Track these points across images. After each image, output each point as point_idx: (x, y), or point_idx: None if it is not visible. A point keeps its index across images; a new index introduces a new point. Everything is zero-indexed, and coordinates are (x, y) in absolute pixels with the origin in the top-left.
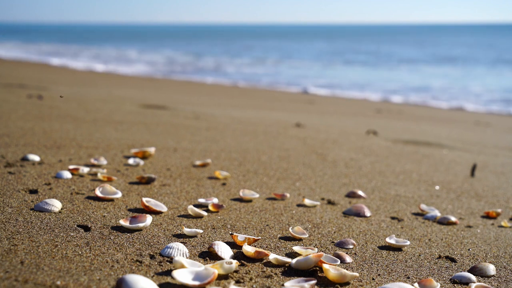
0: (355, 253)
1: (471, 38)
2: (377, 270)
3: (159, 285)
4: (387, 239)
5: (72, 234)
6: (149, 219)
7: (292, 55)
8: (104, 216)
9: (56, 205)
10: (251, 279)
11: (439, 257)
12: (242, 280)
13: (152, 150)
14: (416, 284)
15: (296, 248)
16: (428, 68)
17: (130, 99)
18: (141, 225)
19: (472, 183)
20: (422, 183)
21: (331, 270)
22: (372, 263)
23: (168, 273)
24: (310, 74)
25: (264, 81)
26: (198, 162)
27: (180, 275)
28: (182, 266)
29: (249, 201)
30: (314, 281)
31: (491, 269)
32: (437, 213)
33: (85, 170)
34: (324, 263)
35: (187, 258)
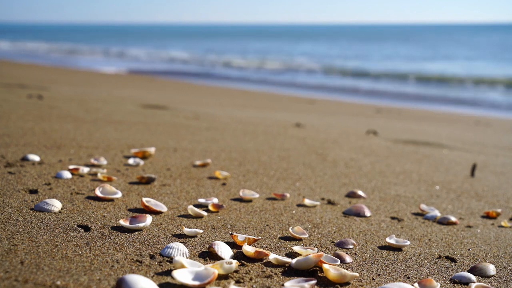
0: (355, 253)
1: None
2: (377, 270)
3: (159, 285)
4: (387, 239)
5: (72, 234)
6: (149, 219)
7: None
8: (104, 216)
9: (56, 205)
10: (251, 279)
11: (439, 257)
12: (242, 280)
13: (152, 150)
14: (416, 284)
15: (296, 248)
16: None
17: (130, 99)
18: (141, 225)
19: (472, 183)
20: (422, 183)
21: (331, 270)
22: (372, 263)
23: (168, 273)
24: None
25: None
26: (198, 162)
27: (180, 275)
28: (182, 266)
29: (249, 201)
30: (314, 281)
31: (491, 269)
32: (437, 213)
33: (85, 170)
34: (324, 263)
35: (187, 258)
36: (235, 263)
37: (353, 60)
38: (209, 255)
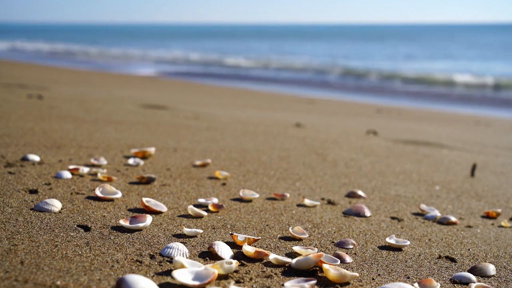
0: (355, 253)
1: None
2: (377, 270)
3: (159, 285)
4: (387, 239)
5: (72, 234)
6: (149, 219)
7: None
8: (104, 216)
9: (56, 205)
10: (251, 279)
11: (439, 257)
12: (242, 280)
13: (152, 150)
14: (416, 284)
15: (296, 248)
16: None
17: (130, 99)
18: (141, 225)
19: (472, 183)
20: (422, 183)
21: (331, 270)
22: (372, 263)
23: (168, 273)
24: None
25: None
26: (198, 162)
27: (180, 275)
28: (182, 266)
29: (249, 201)
30: (314, 281)
31: (491, 269)
32: (437, 213)
33: (85, 170)
34: (324, 263)
35: (187, 258)
36: (235, 263)
37: (355, 60)
38: (209, 255)
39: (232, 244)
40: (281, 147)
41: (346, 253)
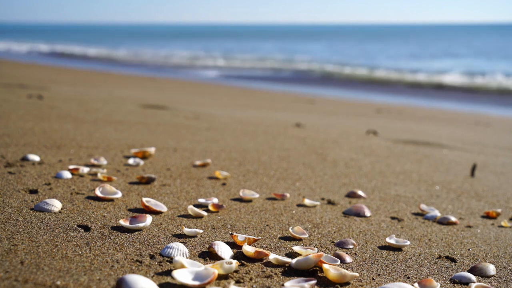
0: (355, 253)
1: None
2: (377, 270)
3: (159, 285)
4: (387, 239)
5: (72, 234)
6: (149, 219)
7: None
8: (104, 216)
9: (56, 205)
10: (251, 279)
11: (439, 257)
12: (242, 280)
13: (152, 150)
14: (416, 284)
15: (296, 248)
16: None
17: (130, 99)
18: (141, 225)
19: (472, 183)
20: (422, 183)
21: (331, 270)
22: (372, 263)
23: (168, 273)
24: None
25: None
26: (198, 162)
27: (180, 275)
28: (182, 266)
29: (249, 201)
30: (314, 281)
31: (491, 269)
32: (437, 213)
33: (85, 170)
34: (324, 263)
35: (187, 258)
36: (235, 263)
37: (356, 59)
38: (209, 255)
39: (232, 244)
40: (281, 147)
41: (346, 253)
